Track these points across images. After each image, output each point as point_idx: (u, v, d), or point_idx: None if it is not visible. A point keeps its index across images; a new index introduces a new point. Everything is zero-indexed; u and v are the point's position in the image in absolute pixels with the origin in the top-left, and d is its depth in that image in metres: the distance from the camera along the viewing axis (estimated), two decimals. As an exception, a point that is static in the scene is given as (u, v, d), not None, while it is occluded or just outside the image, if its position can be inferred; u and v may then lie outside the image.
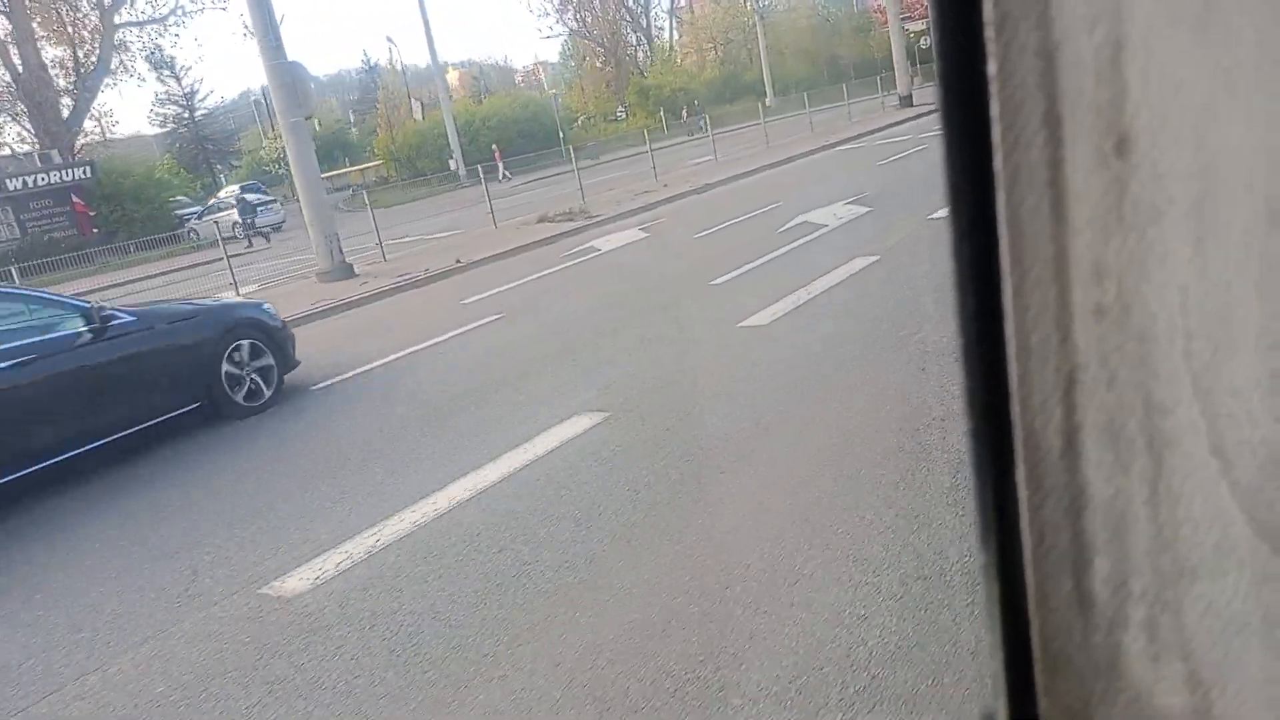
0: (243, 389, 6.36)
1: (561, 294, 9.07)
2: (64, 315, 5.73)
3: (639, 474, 3.96)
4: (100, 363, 5.68)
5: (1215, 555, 0.42)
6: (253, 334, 6.50)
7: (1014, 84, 0.40)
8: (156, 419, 5.94)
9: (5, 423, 5.14)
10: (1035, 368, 0.43)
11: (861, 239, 8.68)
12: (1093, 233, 0.40)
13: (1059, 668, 0.47)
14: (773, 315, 6.35)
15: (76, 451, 5.45)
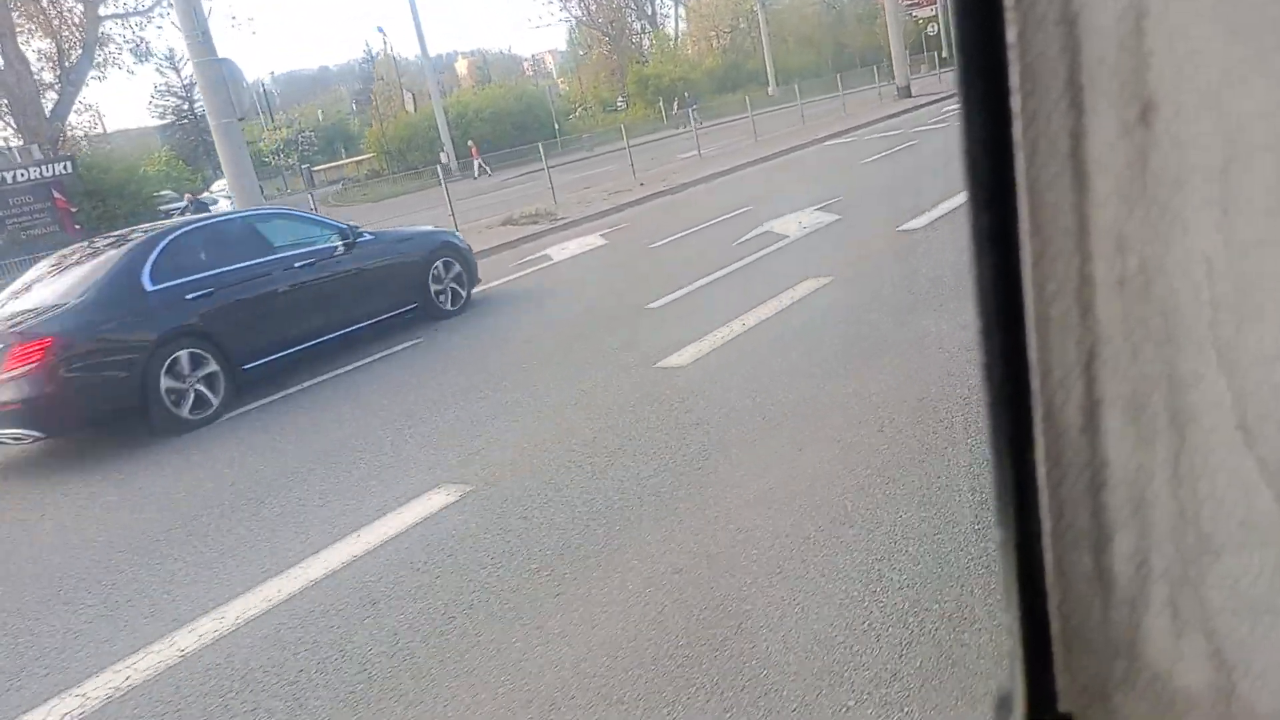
0: (445, 296, 8.36)
1: (491, 314, 8.29)
2: (330, 233, 7.76)
3: (465, 591, 3.19)
4: (353, 269, 7.58)
5: (1240, 532, 0.41)
6: (450, 254, 8.47)
7: (1034, 52, 0.39)
8: (389, 314, 7.81)
9: (287, 311, 7.00)
10: (1055, 341, 0.42)
11: (820, 255, 7.86)
12: (1115, 203, 0.39)
13: (1078, 646, 0.46)
14: (696, 353, 5.55)
15: (342, 331, 7.36)
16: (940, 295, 5.77)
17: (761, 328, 5.88)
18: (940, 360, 4.59)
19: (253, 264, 6.97)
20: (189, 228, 7.17)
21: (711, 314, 6.46)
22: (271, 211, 9.04)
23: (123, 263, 6.44)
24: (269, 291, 6.95)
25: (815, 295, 6.45)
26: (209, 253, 6.87)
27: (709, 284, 7.55)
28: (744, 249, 8.82)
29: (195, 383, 6.27)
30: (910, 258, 7.07)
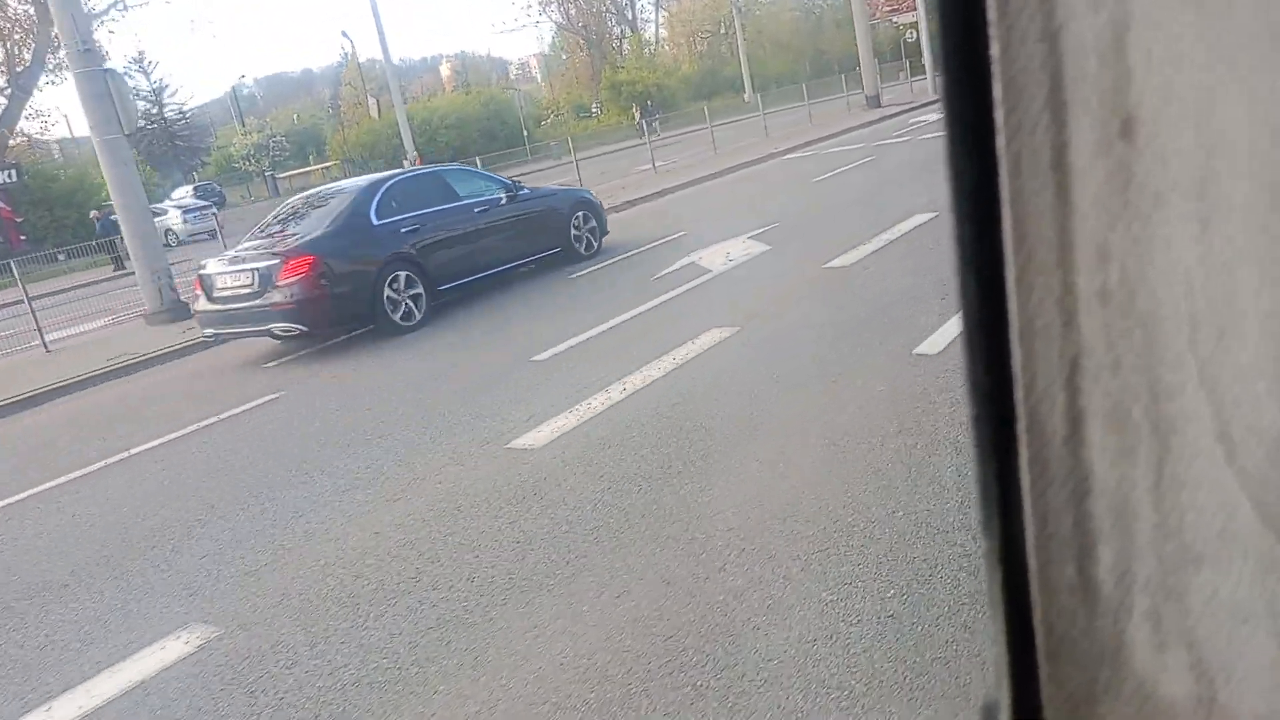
0: (581, 243, 10.15)
1: (377, 356, 7.42)
2: (497, 187, 9.60)
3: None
4: (515, 216, 9.40)
5: (1220, 543, 0.41)
6: (586, 209, 10.35)
7: (1017, 67, 0.39)
8: (539, 255, 9.68)
9: (471, 245, 8.83)
10: (1039, 353, 0.42)
11: (735, 297, 7.04)
12: (1097, 216, 0.40)
13: (1062, 655, 0.46)
14: (557, 431, 4.71)
15: (493, 270, 9.10)
16: (841, 363, 4.95)
17: (641, 396, 5.04)
18: (813, 462, 3.76)
19: (445, 208, 8.89)
20: (401, 177, 9.09)
21: (594, 372, 5.62)
22: (455, 168, 11.23)
23: (356, 202, 8.33)
24: (457, 230, 8.85)
25: (712, 352, 5.62)
26: (414, 198, 8.72)
27: (610, 329, 6.71)
28: (663, 284, 7.99)
29: (407, 298, 8.12)
30: (826, 304, 6.25)
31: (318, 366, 7.51)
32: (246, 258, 8.07)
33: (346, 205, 8.32)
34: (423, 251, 8.39)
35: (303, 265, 7.60)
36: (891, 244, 7.75)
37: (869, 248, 7.72)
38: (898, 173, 12.89)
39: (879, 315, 5.73)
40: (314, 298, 7.60)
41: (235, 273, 7.99)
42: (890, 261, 7.15)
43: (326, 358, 7.79)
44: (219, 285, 8.12)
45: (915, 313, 5.58)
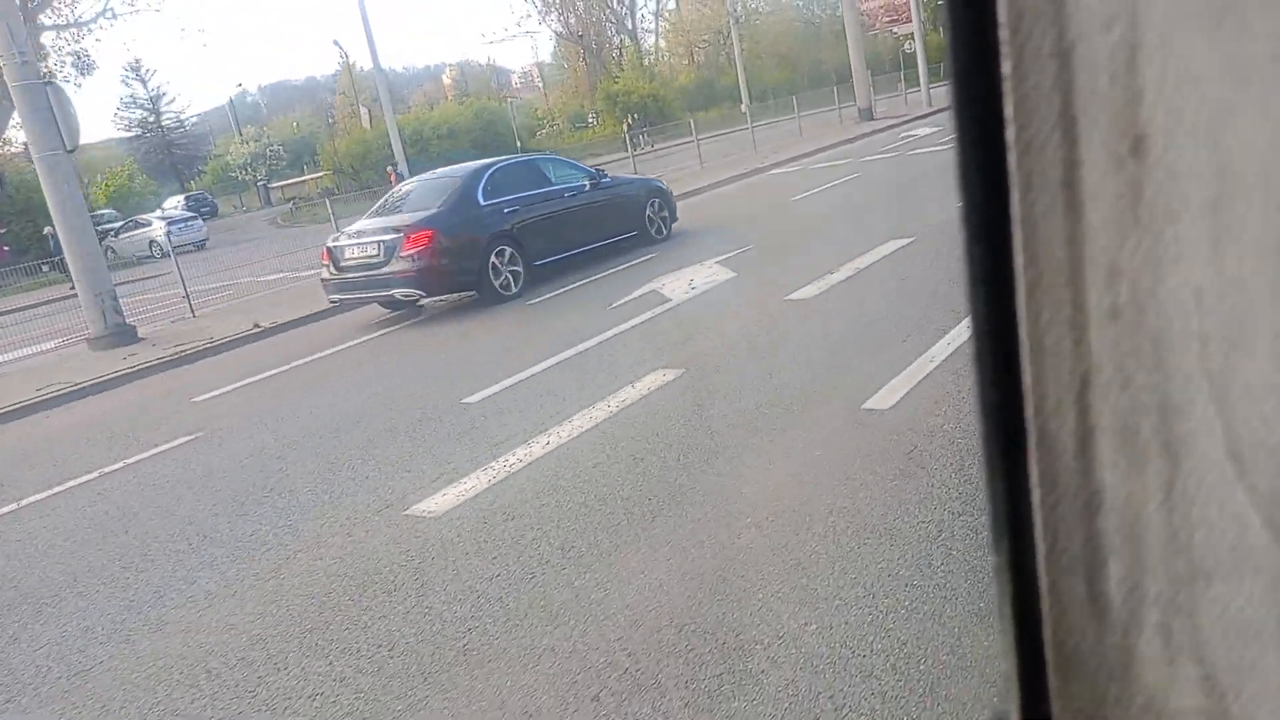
0: (654, 227, 11.00)
1: (310, 393, 6.94)
2: (583, 175, 10.61)
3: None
4: (598, 201, 10.36)
5: (1231, 558, 0.41)
6: (659, 197, 11.27)
7: (1029, 84, 0.40)
8: (618, 237, 10.52)
9: (561, 226, 9.80)
10: (1049, 369, 0.43)
11: (688, 330, 6.55)
12: (1107, 234, 0.40)
13: (1072, 670, 0.46)
14: (466, 493, 4.22)
15: (580, 249, 10.01)
16: (783, 417, 4.47)
17: (564, 452, 4.55)
18: (729, 548, 3.27)
19: (539, 192, 9.89)
20: (503, 164, 10.12)
21: (523, 420, 5.14)
22: (548, 156, 12.91)
23: (465, 185, 9.42)
24: (549, 212, 9.80)
25: (651, 399, 5.13)
26: (514, 182, 9.73)
27: (551, 367, 6.22)
28: (618, 315, 7.51)
29: (507, 270, 9.19)
30: (780, 344, 5.77)
31: (242, 403, 7.03)
32: (371, 231, 9.15)
33: (457, 187, 9.44)
34: (521, 230, 9.42)
35: (423, 238, 8.70)
36: (860, 273, 7.27)
37: (836, 277, 7.24)
38: (879, 192, 12.43)
39: (833, 358, 5.25)
40: (432, 267, 8.69)
41: (362, 244, 9.10)
42: (855, 294, 6.66)
43: (255, 394, 7.31)
44: (346, 256, 9.25)
45: (872, 357, 5.09)
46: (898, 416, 4.19)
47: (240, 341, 9.55)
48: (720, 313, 6.93)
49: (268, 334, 9.75)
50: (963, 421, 3.97)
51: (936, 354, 4.87)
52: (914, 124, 22.72)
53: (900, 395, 4.41)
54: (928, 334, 5.25)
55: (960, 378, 4.51)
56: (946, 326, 5.29)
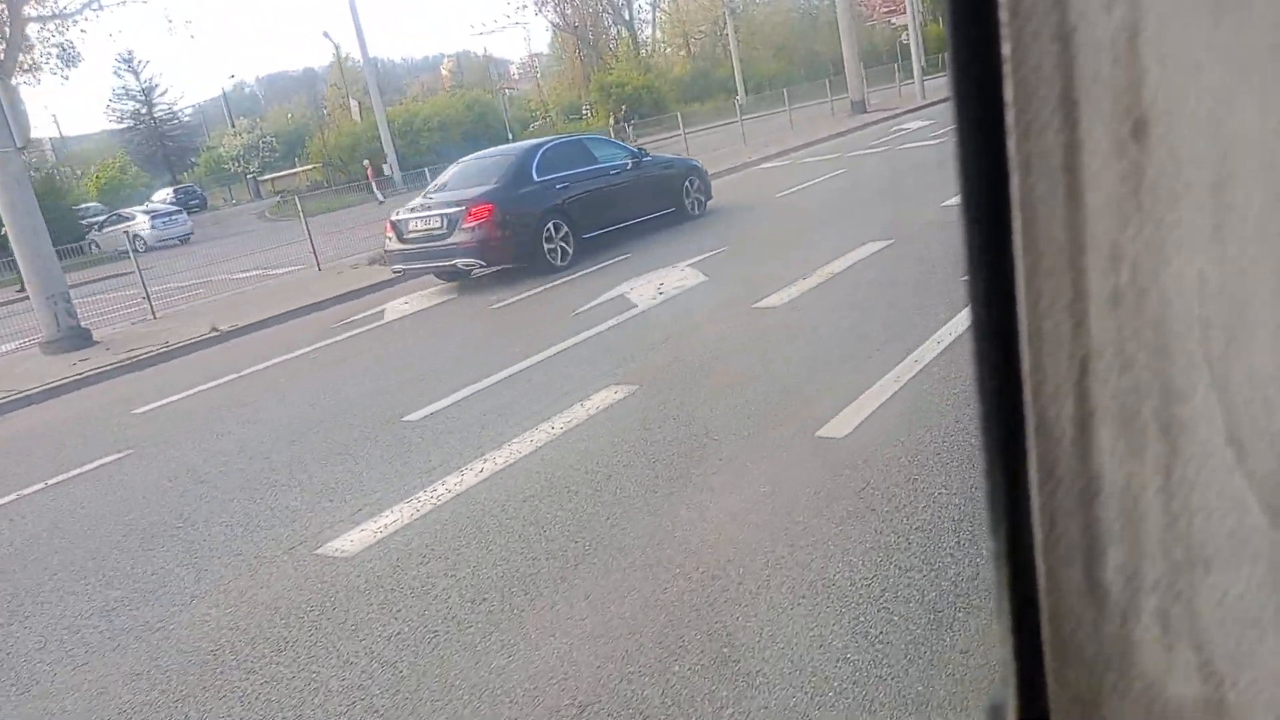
0: (690, 204, 11.52)
1: (252, 405, 6.59)
2: (625, 154, 11.20)
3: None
4: (639, 178, 10.88)
5: (1230, 545, 0.41)
6: (696, 175, 11.77)
7: (1029, 67, 0.39)
8: (657, 214, 11.04)
9: (607, 201, 10.38)
10: (1048, 354, 0.42)
11: (649, 342, 6.20)
12: (1108, 218, 0.40)
13: (1069, 657, 0.46)
14: (388, 527, 3.89)
15: (624, 224, 10.57)
16: (731, 444, 4.13)
17: (496, 482, 4.21)
18: (652, 608, 2.93)
19: (587, 169, 10.40)
20: (554, 143, 10.70)
21: (460, 443, 4.80)
22: (593, 136, 13.18)
23: (520, 162, 9.96)
24: (596, 188, 10.34)
25: (597, 420, 4.79)
26: (564, 160, 10.25)
27: (502, 381, 5.88)
28: (580, 322, 7.16)
29: (558, 243, 9.70)
30: (739, 358, 5.42)
31: (181, 416, 6.68)
32: (434, 205, 9.70)
33: (513, 164, 9.99)
34: (570, 205, 9.94)
35: (484, 211, 9.26)
36: (834, 279, 6.92)
37: (809, 283, 6.89)
38: (864, 189, 12.06)
39: (792, 377, 4.90)
40: (491, 238, 9.25)
41: (426, 217, 9.64)
42: (826, 301, 6.32)
43: (197, 406, 6.97)
44: (410, 228, 9.78)
45: (833, 376, 4.75)
46: (853, 446, 3.86)
47: (196, 346, 9.20)
48: (683, 322, 6.58)
49: (225, 338, 9.40)
50: (921, 454, 3.63)
51: (901, 374, 4.53)
52: (906, 117, 22.32)
53: (858, 422, 4.08)
54: (894, 350, 4.91)
55: (923, 402, 4.18)
56: (914, 343, 4.95)
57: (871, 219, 9.25)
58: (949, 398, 4.16)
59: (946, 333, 5.03)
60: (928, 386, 4.34)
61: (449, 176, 10.63)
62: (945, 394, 4.22)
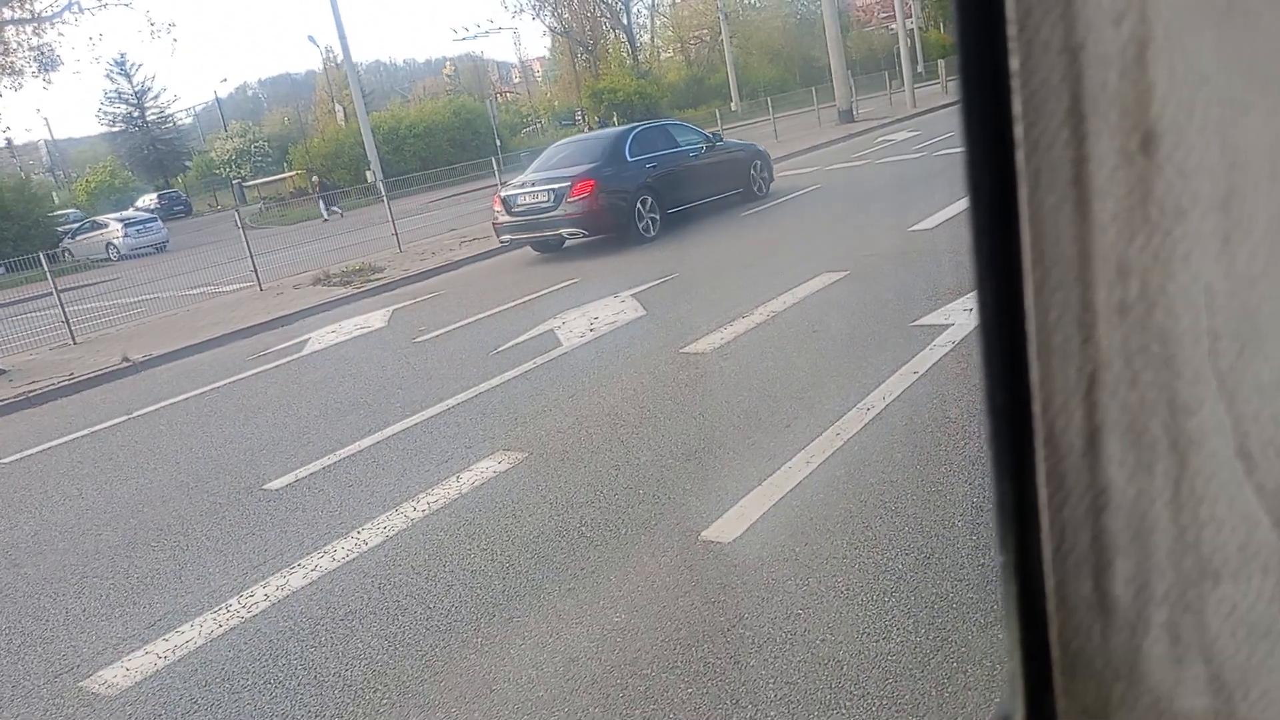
0: (755, 185, 12.74)
1: (112, 462, 5.89)
2: (701, 138, 12.26)
3: None
4: (713, 161, 12.03)
5: (1239, 557, 0.41)
6: (760, 158, 13.05)
7: (1037, 80, 0.39)
8: (728, 193, 12.20)
9: (687, 181, 11.46)
10: (1057, 367, 0.42)
11: (556, 396, 5.52)
12: (1116, 230, 0.40)
13: (1078, 669, 0.46)
14: (179, 646, 3.21)
15: (700, 201, 11.66)
16: (602, 544, 3.44)
17: (333, 580, 3.54)
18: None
19: (670, 151, 11.47)
20: (642, 127, 11.84)
21: (313, 522, 4.14)
22: (674, 122, 14.20)
23: (615, 144, 11.13)
24: (678, 168, 11.38)
25: (468, 500, 4.11)
26: (651, 143, 11.35)
27: (384, 440, 5.20)
28: (497, 363, 6.48)
29: (648, 217, 10.75)
30: (644, 424, 4.74)
31: (25, 477, 5.99)
32: (540, 182, 10.89)
33: (609, 145, 11.18)
34: (657, 182, 11.01)
35: (587, 187, 10.40)
36: (775, 319, 6.24)
37: (748, 323, 6.21)
38: (834, 208, 11.38)
39: (693, 451, 4.22)
40: (593, 211, 10.40)
41: (534, 192, 10.83)
42: (758, 349, 5.63)
43: (51, 462, 6.29)
44: (518, 202, 11.03)
45: (739, 452, 4.07)
46: (739, 555, 3.18)
47: (102, 379, 8.52)
48: (602, 370, 5.90)
49: (136, 370, 8.72)
50: (806, 566, 2.95)
51: (814, 454, 3.85)
52: (893, 127, 21.65)
53: (754, 518, 3.40)
54: (816, 418, 4.23)
55: (835, 493, 3.50)
56: (841, 409, 4.27)
57: (833, 245, 8.58)
58: (867, 487, 3.48)
59: (880, 396, 4.35)
60: (843, 471, 3.66)
61: (548, 158, 11.78)
62: (863, 481, 3.54)
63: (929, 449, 3.72)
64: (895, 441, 3.87)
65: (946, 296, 5.81)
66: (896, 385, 4.47)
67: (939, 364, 4.68)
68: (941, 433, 3.86)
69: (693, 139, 12.15)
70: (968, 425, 3.87)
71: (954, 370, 4.57)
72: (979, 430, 3.78)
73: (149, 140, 73.70)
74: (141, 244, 28.92)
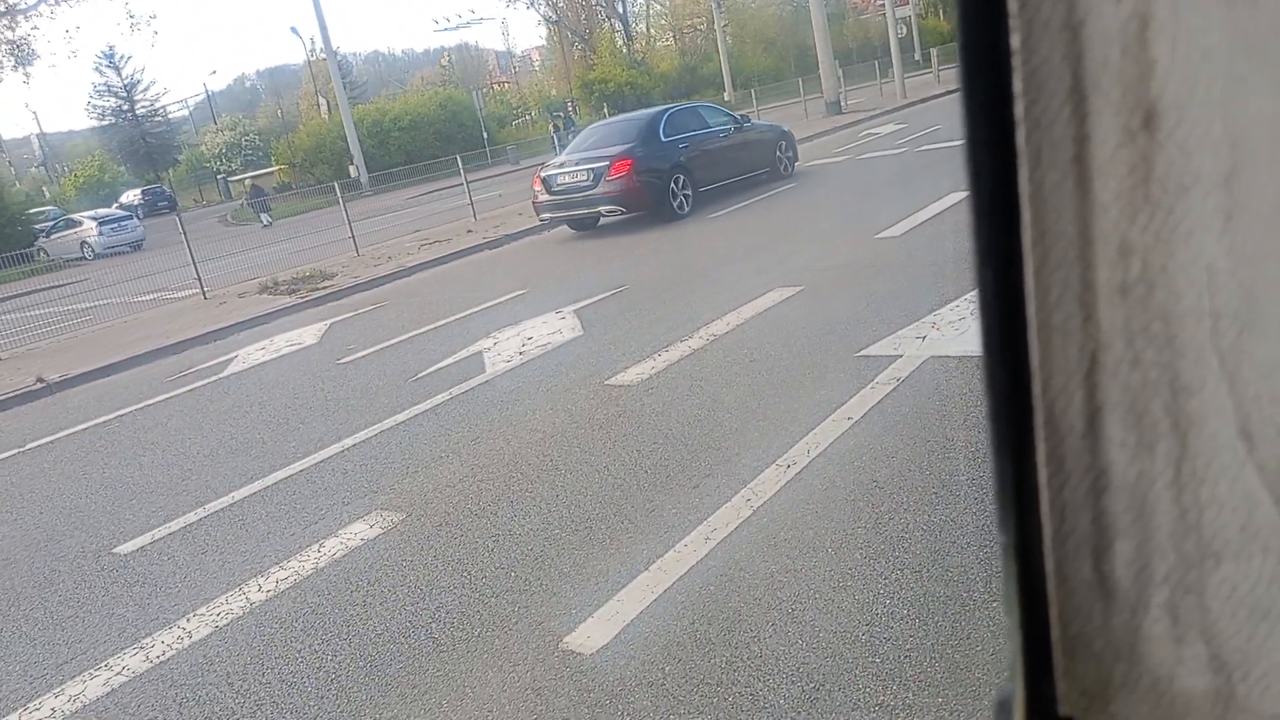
0: (781, 165, 13.15)
1: None
2: (730, 119, 12.80)
3: None
4: (742, 140, 12.55)
5: (1240, 538, 0.41)
6: (786, 139, 13.45)
7: (1038, 58, 0.39)
8: (753, 173, 12.68)
9: (717, 160, 11.91)
10: (1057, 347, 0.42)
11: (467, 434, 4.95)
12: (1118, 210, 0.40)
13: (1078, 650, 0.46)
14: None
15: (730, 180, 12.16)
16: (453, 646, 2.87)
17: (148, 684, 2.97)
18: None
19: (702, 132, 11.88)
20: (675, 109, 12.36)
21: (154, 598, 3.59)
22: (704, 104, 14.18)
23: (650, 124, 11.60)
24: (710, 148, 11.80)
25: (321, 578, 3.54)
26: (684, 124, 11.78)
27: (258, 493, 4.63)
28: (413, 392, 5.92)
29: (682, 194, 11.24)
30: (544, 482, 4.16)
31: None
32: (579, 161, 11.28)
33: (645, 126, 11.59)
34: (690, 161, 11.40)
35: (625, 165, 10.84)
36: (714, 343, 5.66)
37: (685, 347, 5.64)
38: (801, 212, 10.78)
39: (587, 519, 3.64)
40: (631, 188, 10.83)
41: (573, 171, 11.25)
42: (688, 382, 5.06)
43: None
44: (559, 181, 11.41)
45: (634, 522, 3.51)
46: (597, 674, 2.61)
47: (8, 403, 7.95)
48: (517, 404, 5.32)
49: (49, 391, 8.15)
50: (671, 695, 2.38)
51: (715, 528, 3.28)
52: (880, 119, 21.01)
53: (629, 618, 2.84)
54: (729, 477, 3.67)
55: (721, 591, 2.93)
56: (761, 462, 3.71)
57: (792, 254, 7.98)
58: (764, 579, 2.92)
59: (805, 449, 3.78)
60: (741, 554, 3.09)
61: (585, 138, 12.31)
62: (761, 570, 2.97)
63: (845, 526, 3.15)
64: (810, 513, 3.29)
65: (900, 321, 5.23)
66: (825, 435, 3.90)
67: (877, 407, 4.10)
68: (865, 503, 3.28)
69: (723, 120, 12.58)
70: (896, 494, 3.30)
71: (893, 416, 3.99)
72: (911, 501, 3.22)
73: (140, 134, 72.97)
74: (117, 242, 28.34)
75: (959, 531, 2.96)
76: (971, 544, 2.88)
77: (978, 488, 3.22)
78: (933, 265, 6.53)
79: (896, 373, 4.46)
